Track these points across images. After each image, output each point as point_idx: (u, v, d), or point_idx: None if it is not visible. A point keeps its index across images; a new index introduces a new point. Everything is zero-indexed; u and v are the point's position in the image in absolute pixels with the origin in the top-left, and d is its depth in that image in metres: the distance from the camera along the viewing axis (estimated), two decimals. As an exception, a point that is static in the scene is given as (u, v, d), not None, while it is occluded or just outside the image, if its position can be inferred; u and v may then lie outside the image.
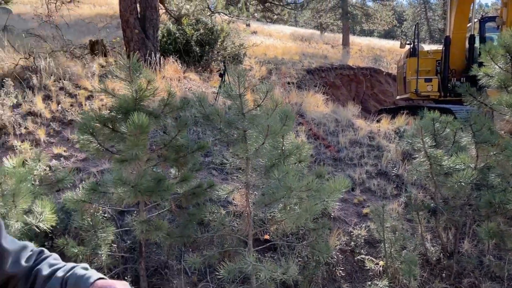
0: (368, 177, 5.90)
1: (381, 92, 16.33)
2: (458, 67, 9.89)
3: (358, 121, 8.15)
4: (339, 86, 15.06)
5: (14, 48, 7.81)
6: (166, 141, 3.76)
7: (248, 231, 3.51)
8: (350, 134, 7.23)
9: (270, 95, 3.42)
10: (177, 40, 10.40)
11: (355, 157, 6.45)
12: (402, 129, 7.63)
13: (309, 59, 15.84)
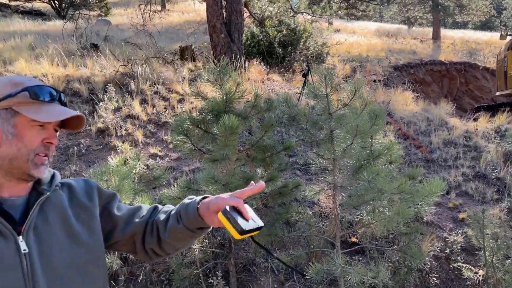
0: (465, 179, 5.49)
1: (477, 88, 15.06)
2: None
3: (452, 120, 7.61)
4: (429, 83, 14.19)
5: (114, 56, 8.55)
6: (253, 142, 3.86)
7: (335, 232, 3.46)
8: (443, 133, 6.79)
9: (359, 94, 3.34)
10: (260, 42, 10.60)
11: (450, 158, 6.03)
12: (503, 128, 6.98)
13: (396, 55, 15.15)
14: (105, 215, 1.24)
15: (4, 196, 1.06)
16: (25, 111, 1.05)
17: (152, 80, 7.42)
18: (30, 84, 1.08)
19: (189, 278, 3.59)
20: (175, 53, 10.05)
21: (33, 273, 1.01)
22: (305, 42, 11.22)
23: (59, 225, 1.11)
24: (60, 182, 1.18)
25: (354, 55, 14.52)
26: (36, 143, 1.07)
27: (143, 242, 1.27)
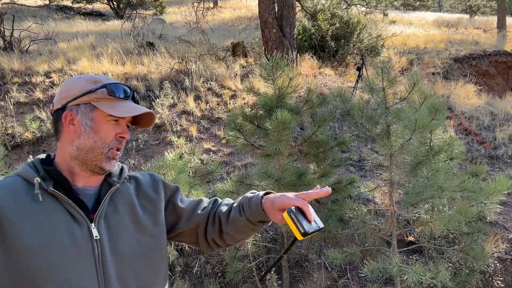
0: (534, 178, 5.11)
1: (548, 80, 13.93)
2: None
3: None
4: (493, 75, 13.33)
5: (169, 53, 8.81)
6: (306, 137, 3.82)
7: (391, 230, 3.35)
8: (509, 129, 6.36)
9: (418, 87, 3.20)
10: (312, 36, 10.46)
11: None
12: None
13: (457, 46, 14.36)
14: (170, 207, 1.31)
15: (78, 186, 1.14)
16: (103, 106, 1.12)
17: (205, 76, 7.57)
18: (108, 82, 1.16)
19: (242, 271, 3.63)
20: (227, 49, 10.18)
21: (103, 258, 1.08)
22: (359, 35, 10.93)
23: (127, 215, 1.18)
24: (128, 175, 1.26)
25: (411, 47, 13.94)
26: (111, 137, 1.14)
27: (205, 233, 1.32)
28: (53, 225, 1.04)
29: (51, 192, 1.07)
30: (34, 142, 5.61)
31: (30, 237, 1.01)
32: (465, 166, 5.27)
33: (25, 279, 1.00)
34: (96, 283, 1.06)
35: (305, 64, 9.07)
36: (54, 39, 9.70)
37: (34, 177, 1.08)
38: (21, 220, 1.03)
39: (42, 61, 7.74)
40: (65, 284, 1.02)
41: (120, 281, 1.10)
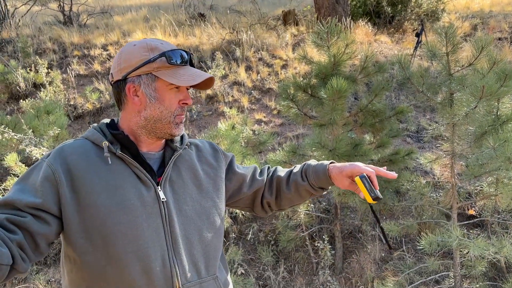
0: None
1: None
2: None
3: None
4: None
5: (220, 24, 8.79)
6: (362, 106, 3.70)
7: (452, 203, 3.21)
8: None
9: (486, 51, 2.98)
10: (367, 2, 10.00)
11: None
12: None
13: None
14: (231, 175, 1.35)
15: (143, 151, 1.18)
16: (164, 76, 1.13)
17: (256, 46, 7.49)
18: (165, 48, 1.16)
19: (295, 240, 3.67)
20: (278, 18, 9.98)
21: (170, 218, 1.13)
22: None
23: (190, 179, 1.22)
24: (188, 141, 1.29)
25: (474, 11, 12.95)
26: (175, 105, 1.16)
27: (262, 197, 1.38)
28: (122, 186, 1.09)
29: (119, 155, 1.11)
30: (94, 113, 5.88)
31: (102, 196, 1.07)
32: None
33: (98, 234, 1.06)
34: (164, 242, 1.11)
35: (359, 31, 8.71)
36: (110, 13, 9.98)
37: (102, 140, 1.12)
38: (94, 180, 1.08)
39: (99, 34, 8.01)
40: (136, 241, 1.07)
41: (186, 240, 1.15)
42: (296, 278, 3.64)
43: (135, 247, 1.06)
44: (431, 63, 4.79)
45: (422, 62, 6.96)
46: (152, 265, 1.07)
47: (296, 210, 3.67)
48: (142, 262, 1.06)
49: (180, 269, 1.11)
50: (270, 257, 3.69)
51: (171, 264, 1.09)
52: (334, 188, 3.41)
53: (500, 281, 3.38)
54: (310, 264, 3.69)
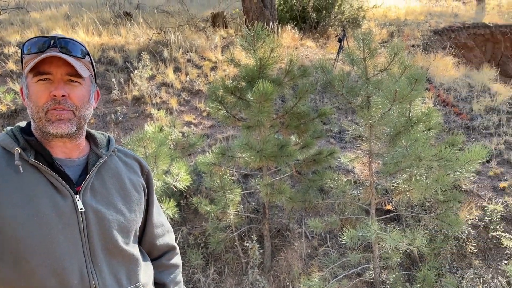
0: (507, 148, 5.27)
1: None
2: None
3: (495, 86, 7.26)
4: (471, 47, 13.48)
5: (147, 24, 8.57)
6: (287, 108, 3.82)
7: (370, 199, 3.43)
8: (485, 100, 6.50)
9: (398, 58, 3.22)
10: (293, 7, 10.33)
11: (492, 125, 5.79)
12: (551, 93, 6.60)
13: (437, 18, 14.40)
14: (144, 211, 1.30)
15: (60, 157, 1.11)
16: (26, 70, 1.05)
17: (185, 47, 7.42)
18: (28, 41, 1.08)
19: (225, 241, 3.69)
20: (207, 20, 9.96)
21: (89, 229, 1.07)
22: (340, 6, 10.84)
23: (115, 188, 1.17)
24: (116, 148, 1.23)
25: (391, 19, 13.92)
26: (44, 99, 1.04)
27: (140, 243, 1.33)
28: (35, 197, 1.02)
29: (32, 163, 1.04)
30: (9, 115, 5.45)
31: (12, 208, 0.99)
32: (442, 137, 5.39)
33: (9, 249, 0.99)
34: (82, 254, 1.05)
35: (286, 36, 8.97)
36: (26, 8, 9.30)
37: (14, 147, 1.04)
38: (3, 190, 1.00)
39: (14, 31, 7.43)
40: (51, 254, 1.01)
41: (106, 251, 1.10)
42: (226, 279, 3.66)
43: (50, 261, 1.00)
44: (353, 68, 5.07)
45: (344, 66, 7.34)
46: (69, 278, 1.02)
47: (226, 211, 3.69)
48: (59, 277, 1.01)
49: (99, 281, 1.06)
50: (199, 259, 3.67)
51: (90, 277, 1.05)
52: (262, 188, 3.49)
53: (414, 270, 3.66)
54: (239, 264, 3.73)
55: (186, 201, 4.07)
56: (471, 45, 13.50)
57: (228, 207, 3.66)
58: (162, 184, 3.56)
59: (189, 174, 3.69)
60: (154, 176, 3.51)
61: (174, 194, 3.99)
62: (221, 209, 3.61)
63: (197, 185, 4.23)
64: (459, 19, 14.68)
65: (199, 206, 3.53)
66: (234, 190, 3.68)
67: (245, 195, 4.27)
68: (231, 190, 3.66)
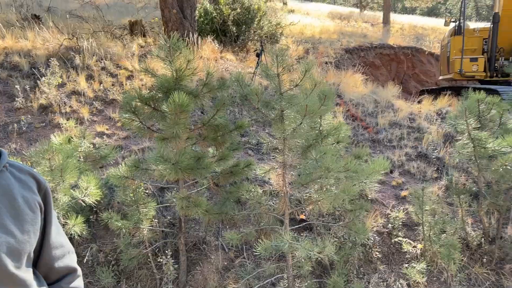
0: (408, 159, 5.77)
1: (423, 73, 15.74)
2: (506, 45, 9.37)
3: (398, 102, 7.93)
4: (378, 66, 14.64)
5: (58, 29, 8.08)
6: (205, 120, 3.82)
7: (284, 210, 3.53)
8: (389, 115, 7.07)
9: (309, 75, 3.38)
10: (214, 20, 10.41)
11: (394, 139, 6.31)
12: (444, 110, 7.38)
13: (348, 38, 15.44)
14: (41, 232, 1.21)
15: None
16: None
17: (99, 55, 7.10)
18: None
19: (137, 257, 3.55)
20: (124, 27, 9.66)
21: None
22: (259, 22, 11.14)
23: (5, 208, 1.07)
24: (8, 163, 1.13)
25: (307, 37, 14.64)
26: None
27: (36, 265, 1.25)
28: None
29: None
30: None
31: None
32: (352, 149, 5.74)
33: None
34: None
35: (206, 48, 8.99)
36: None
37: None
38: None
39: None
40: None
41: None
42: (140, 297, 3.52)
43: None
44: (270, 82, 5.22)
45: (263, 80, 7.53)
46: None
47: (139, 226, 3.56)
48: None
49: None
50: (110, 278, 3.49)
51: None
52: (178, 202, 3.42)
53: (325, 277, 3.83)
54: (153, 280, 3.61)
55: (96, 217, 3.85)
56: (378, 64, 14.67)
57: (141, 222, 3.53)
58: (69, 200, 3.34)
59: (99, 188, 3.51)
60: (60, 191, 3.28)
61: (83, 210, 3.77)
62: (134, 224, 3.48)
63: (109, 199, 4.04)
64: (367, 40, 15.89)
65: (110, 222, 3.36)
66: (149, 204, 3.57)
67: (161, 209, 4.16)
68: (145, 204, 3.55)
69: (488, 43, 9.60)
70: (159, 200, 4.22)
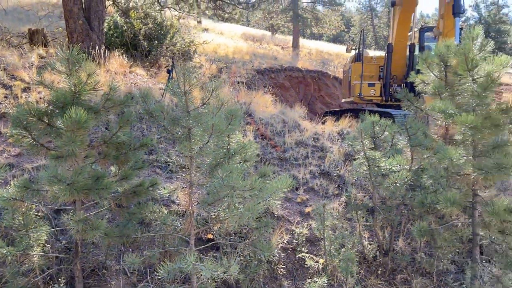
0: (312, 177, 6.04)
1: (328, 95, 16.78)
2: (399, 73, 10.39)
3: (304, 123, 8.32)
4: (288, 88, 15.30)
5: None
6: (107, 138, 3.64)
7: (190, 230, 3.47)
8: (296, 135, 7.37)
9: (216, 94, 3.40)
10: (124, 33, 10.08)
11: (300, 157, 6.58)
12: (345, 131, 7.89)
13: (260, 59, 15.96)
14: None
15: None
16: None
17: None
18: None
19: (26, 287, 3.22)
20: (23, 36, 8.94)
21: None
22: (172, 38, 11.04)
23: None
24: None
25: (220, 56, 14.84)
26: None
27: None
28: None
29: None
30: None
31: None
32: (260, 167, 5.87)
33: None
34: None
35: (114, 62, 8.65)
36: None
37: None
38: None
39: None
40: None
41: None
42: (27, 332, 3.18)
43: None
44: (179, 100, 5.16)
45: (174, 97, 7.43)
46: None
47: (28, 253, 3.24)
48: None
49: None
50: (-8, 313, 3.11)
51: None
52: (73, 224, 3.18)
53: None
54: (44, 312, 3.29)
55: (-23, 244, 3.42)
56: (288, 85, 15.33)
57: (31, 247, 3.22)
58: None
59: (-18, 211, 3.15)
60: None
61: (-39, 236, 3.34)
62: (22, 251, 3.15)
63: (-6, 224, 3.62)
64: (278, 62, 16.57)
65: (-7, 249, 3.01)
66: (40, 228, 3.27)
67: (55, 232, 3.83)
68: (36, 228, 3.25)
69: (384, 71, 10.56)
70: (54, 223, 3.89)
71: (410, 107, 4.96)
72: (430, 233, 4.25)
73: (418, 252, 4.76)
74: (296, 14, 24.28)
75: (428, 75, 4.68)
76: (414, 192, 4.48)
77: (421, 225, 4.19)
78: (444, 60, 4.50)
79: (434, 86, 4.55)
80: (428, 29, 10.23)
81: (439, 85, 4.55)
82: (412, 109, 4.96)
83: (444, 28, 8.43)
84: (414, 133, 4.43)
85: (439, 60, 4.55)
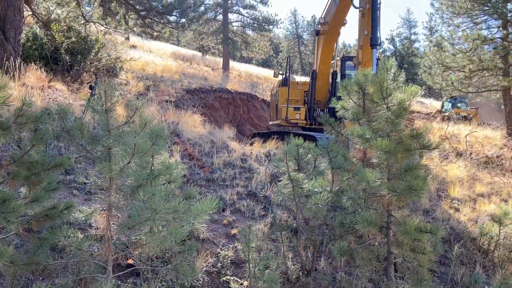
0: (239, 198, 6.05)
1: (256, 117, 17.11)
2: (322, 98, 10.90)
3: (232, 144, 8.36)
4: (217, 109, 15.36)
5: None
6: (17, 156, 3.36)
7: (107, 256, 3.28)
8: (224, 155, 7.38)
9: (140, 112, 3.31)
10: (44, 46, 9.53)
11: (228, 178, 6.58)
12: (272, 152, 8.06)
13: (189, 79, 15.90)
14: None
15: None
16: None
17: None
18: None
19: None
20: None
21: None
22: (97, 53, 10.64)
23: None
24: None
25: (149, 74, 14.56)
26: None
27: None
28: None
29: None
30: None
31: None
32: (187, 188, 5.76)
33: None
34: None
35: (31, 75, 8.12)
36: None
37: None
38: None
39: None
40: None
41: None
42: None
43: None
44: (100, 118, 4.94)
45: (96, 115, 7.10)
46: None
47: None
48: None
49: None
50: None
51: None
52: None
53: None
54: None
55: None
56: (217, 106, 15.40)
57: None
58: None
59: None
60: None
61: None
62: None
63: None
64: (208, 83, 16.63)
65: None
66: None
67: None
68: None
69: (308, 96, 11.03)
70: (-51, 252, 3.47)
71: (332, 131, 5.20)
72: (349, 253, 4.43)
73: (338, 271, 4.92)
74: (226, 37, 24.69)
75: (348, 102, 4.95)
76: (335, 212, 4.66)
77: (341, 244, 4.35)
78: (362, 88, 4.80)
79: (353, 112, 4.82)
80: (349, 58, 10.91)
81: (357, 111, 4.82)
82: (333, 133, 5.20)
83: (363, 58, 9.03)
84: (334, 156, 4.63)
85: (358, 88, 4.84)
